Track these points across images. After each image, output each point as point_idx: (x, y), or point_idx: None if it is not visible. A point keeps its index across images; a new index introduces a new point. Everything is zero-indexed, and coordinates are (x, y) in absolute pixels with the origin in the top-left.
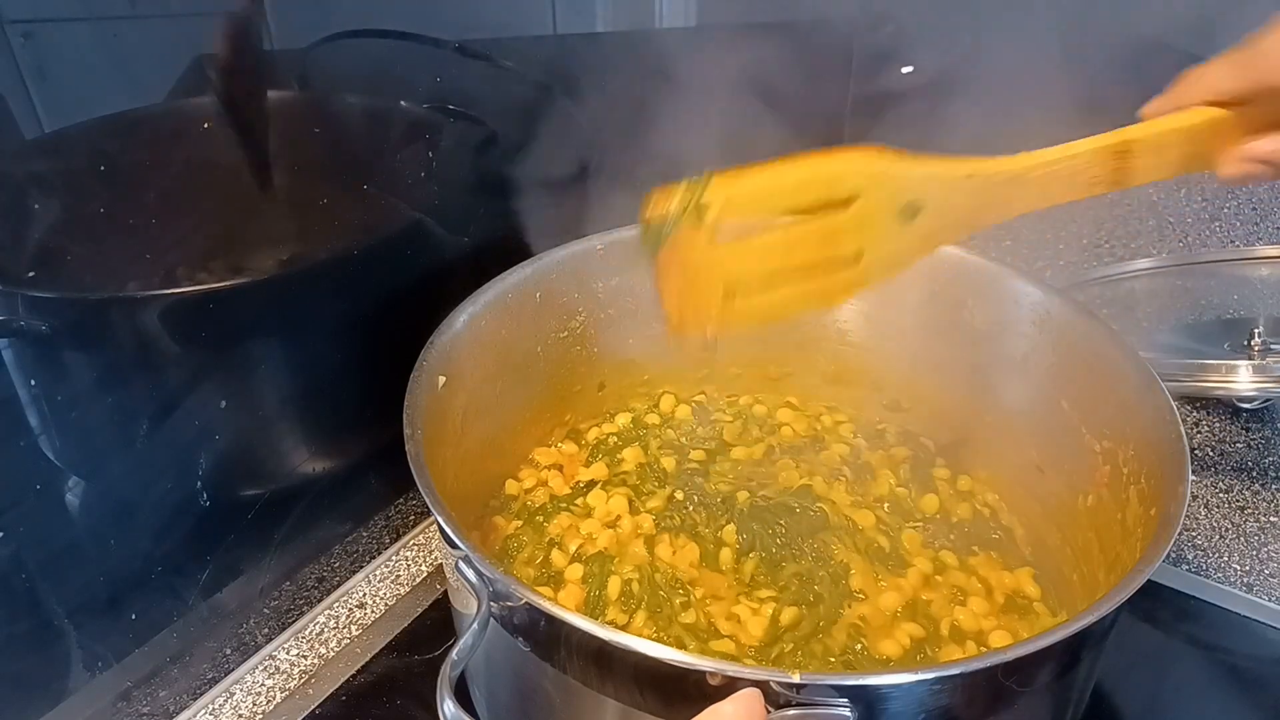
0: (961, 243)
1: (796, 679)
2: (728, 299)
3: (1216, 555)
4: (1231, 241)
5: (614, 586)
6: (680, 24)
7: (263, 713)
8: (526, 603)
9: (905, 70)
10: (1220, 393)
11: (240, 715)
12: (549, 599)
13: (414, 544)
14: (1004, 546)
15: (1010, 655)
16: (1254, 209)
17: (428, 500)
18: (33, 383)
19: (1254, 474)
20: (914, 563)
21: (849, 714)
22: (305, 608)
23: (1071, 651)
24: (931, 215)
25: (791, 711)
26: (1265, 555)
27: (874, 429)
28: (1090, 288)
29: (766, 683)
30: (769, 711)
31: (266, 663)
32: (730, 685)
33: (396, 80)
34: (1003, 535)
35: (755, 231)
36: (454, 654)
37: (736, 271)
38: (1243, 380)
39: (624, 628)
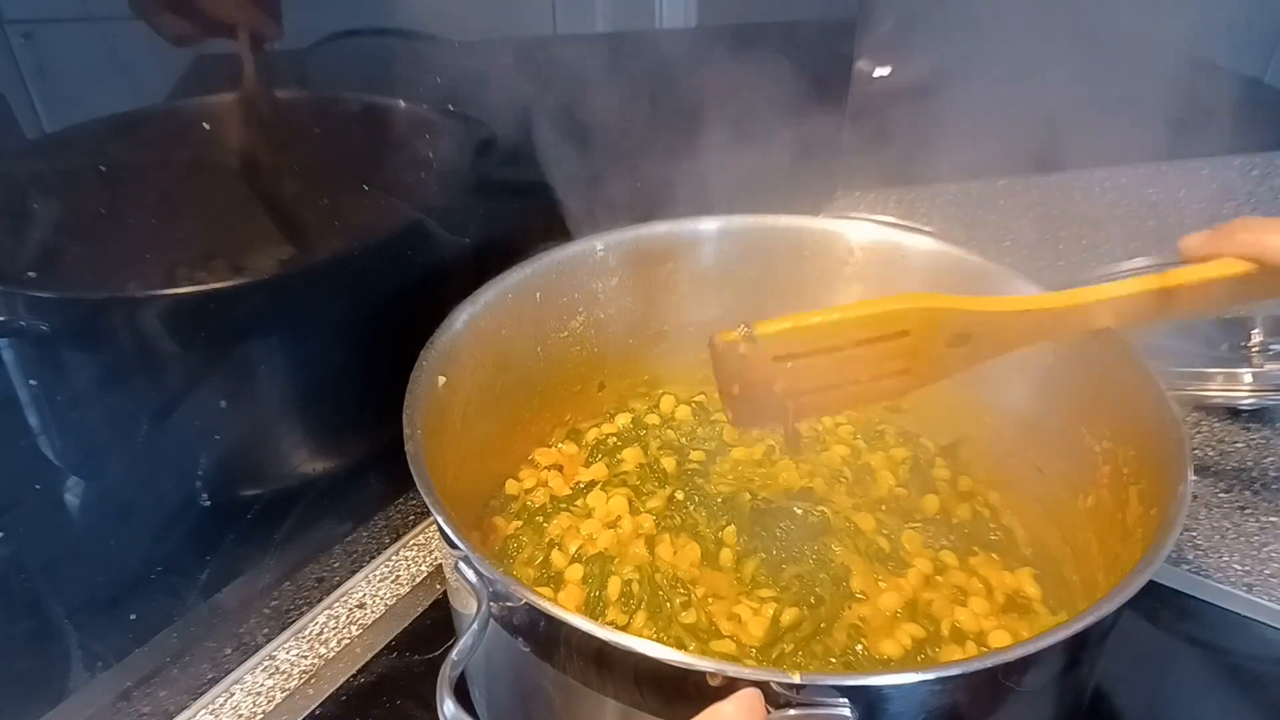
0: (961, 243)
1: (797, 679)
2: (784, 401)
3: (1216, 555)
4: None
5: (614, 587)
6: (680, 24)
7: (263, 713)
8: (526, 603)
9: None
10: (1219, 393)
11: (240, 715)
12: (549, 599)
13: (414, 544)
14: (1004, 547)
15: (1011, 655)
16: (1254, 209)
17: (428, 501)
18: (33, 383)
19: (1254, 474)
20: (914, 563)
21: (849, 714)
22: (305, 608)
23: (1072, 652)
24: (978, 342)
25: (792, 712)
26: (1265, 555)
27: (874, 430)
28: None
29: (767, 683)
30: (769, 712)
31: (266, 663)
32: (730, 685)
33: (396, 80)
34: (1003, 535)
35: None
36: (454, 654)
37: (792, 384)
38: (1241, 381)
39: (624, 628)
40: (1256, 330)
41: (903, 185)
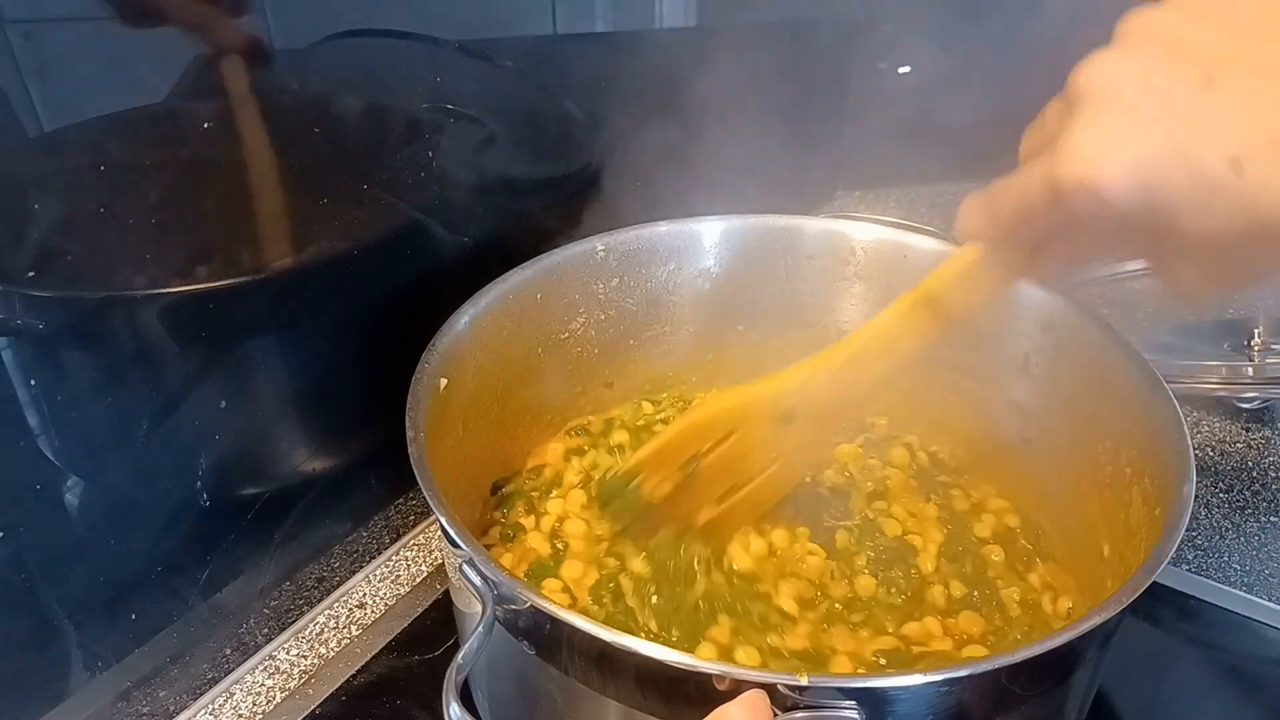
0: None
1: (803, 681)
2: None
3: (1216, 555)
4: None
5: (624, 585)
6: (680, 24)
7: (263, 713)
8: (531, 605)
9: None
10: (1220, 393)
11: (240, 715)
12: (554, 603)
13: (414, 544)
14: (1007, 547)
15: (1017, 657)
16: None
17: (432, 503)
18: (32, 383)
19: (1254, 474)
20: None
21: (856, 716)
22: (305, 608)
23: (1078, 653)
24: (804, 414)
25: (799, 714)
26: (1265, 555)
27: (875, 432)
28: (1090, 288)
29: (773, 685)
30: (775, 714)
31: (266, 663)
32: (736, 687)
33: (396, 80)
34: (1006, 536)
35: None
36: (459, 658)
37: (700, 499)
38: (1243, 380)
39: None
40: (1258, 329)
41: (903, 185)
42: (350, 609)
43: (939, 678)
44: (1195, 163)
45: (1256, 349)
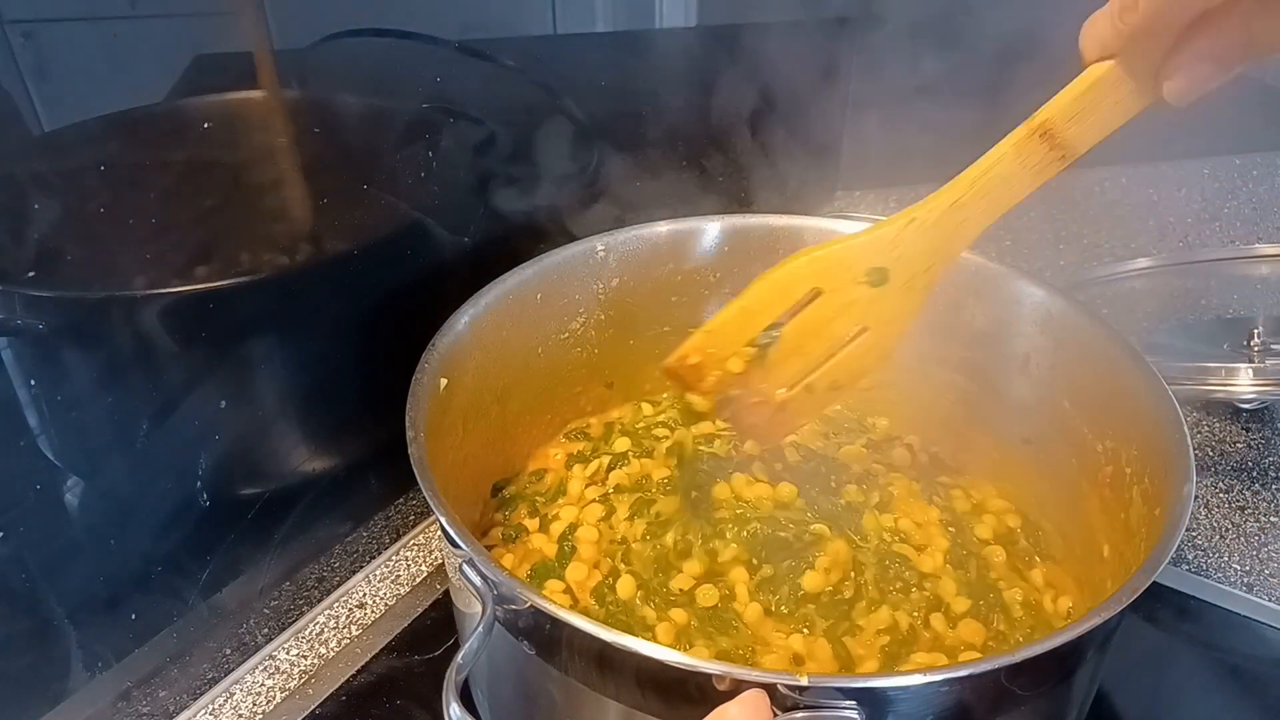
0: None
1: (803, 681)
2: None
3: (1216, 555)
4: (1231, 241)
5: (625, 586)
6: (680, 24)
7: (263, 713)
8: (531, 606)
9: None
10: (1220, 393)
11: (240, 715)
12: (554, 602)
13: (414, 544)
14: (1008, 548)
15: (1017, 657)
16: (1254, 209)
17: (432, 504)
18: (32, 383)
19: (1254, 474)
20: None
21: (856, 716)
22: (305, 608)
23: (1078, 653)
24: (899, 271)
25: (799, 714)
26: (1265, 555)
27: (876, 433)
28: (1090, 288)
29: (773, 685)
30: (775, 714)
31: (266, 663)
32: (736, 687)
33: (396, 80)
34: (1006, 537)
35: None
36: (459, 658)
37: (776, 378)
38: (1242, 380)
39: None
40: (1258, 329)
41: (903, 185)
42: (350, 609)
43: (939, 678)
44: None
45: (1256, 349)
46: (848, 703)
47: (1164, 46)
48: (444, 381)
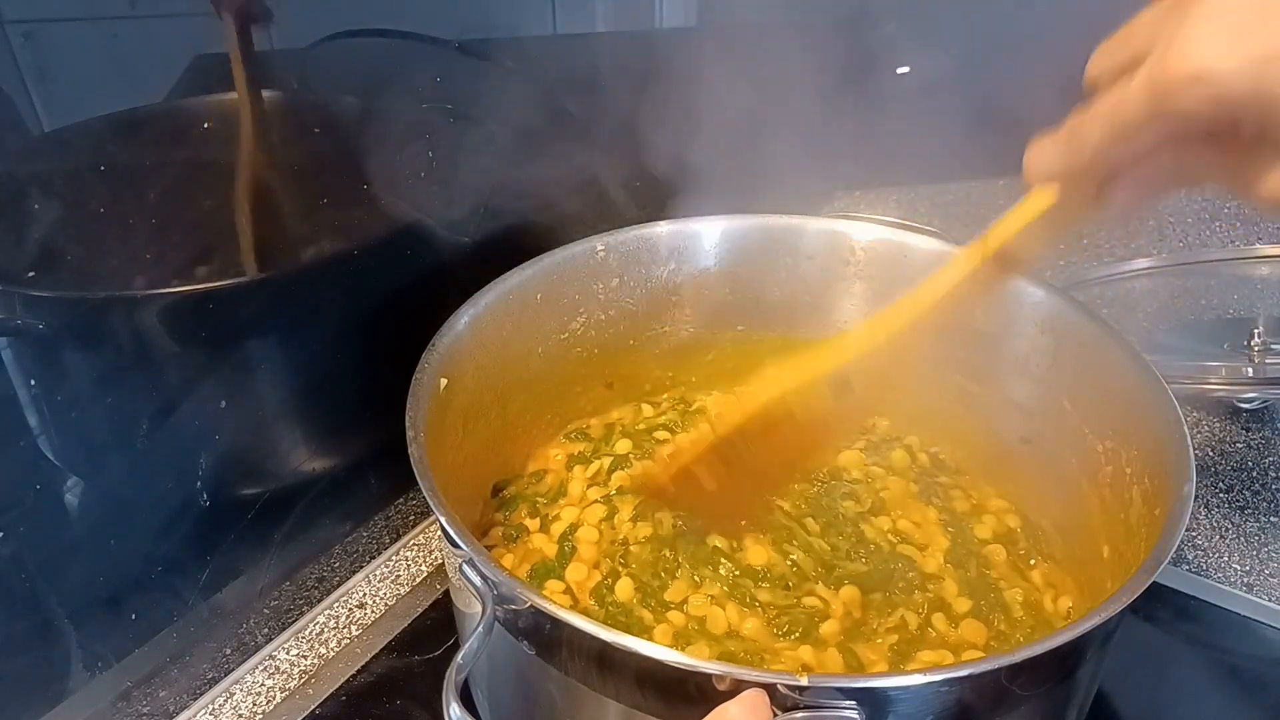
0: (964, 243)
1: (803, 681)
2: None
3: (1216, 555)
4: (1231, 241)
5: (624, 588)
6: (680, 24)
7: (263, 713)
8: (531, 606)
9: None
10: (1220, 393)
11: (240, 715)
12: (554, 602)
13: (414, 544)
14: (1008, 548)
15: (1017, 657)
16: (1254, 208)
17: (432, 504)
18: (33, 383)
19: (1254, 474)
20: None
21: (856, 715)
22: (305, 608)
23: (1078, 653)
24: (862, 381)
25: (799, 714)
26: (1265, 555)
27: (875, 434)
28: (1090, 288)
29: (773, 685)
30: (775, 714)
31: (266, 663)
32: (736, 687)
33: (396, 80)
34: (1006, 537)
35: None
36: (459, 658)
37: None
38: (1242, 380)
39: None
40: (1258, 329)
41: (903, 185)
42: (350, 609)
43: (939, 678)
44: None
45: (1256, 349)
46: (848, 703)
47: (1104, 176)
48: (444, 381)
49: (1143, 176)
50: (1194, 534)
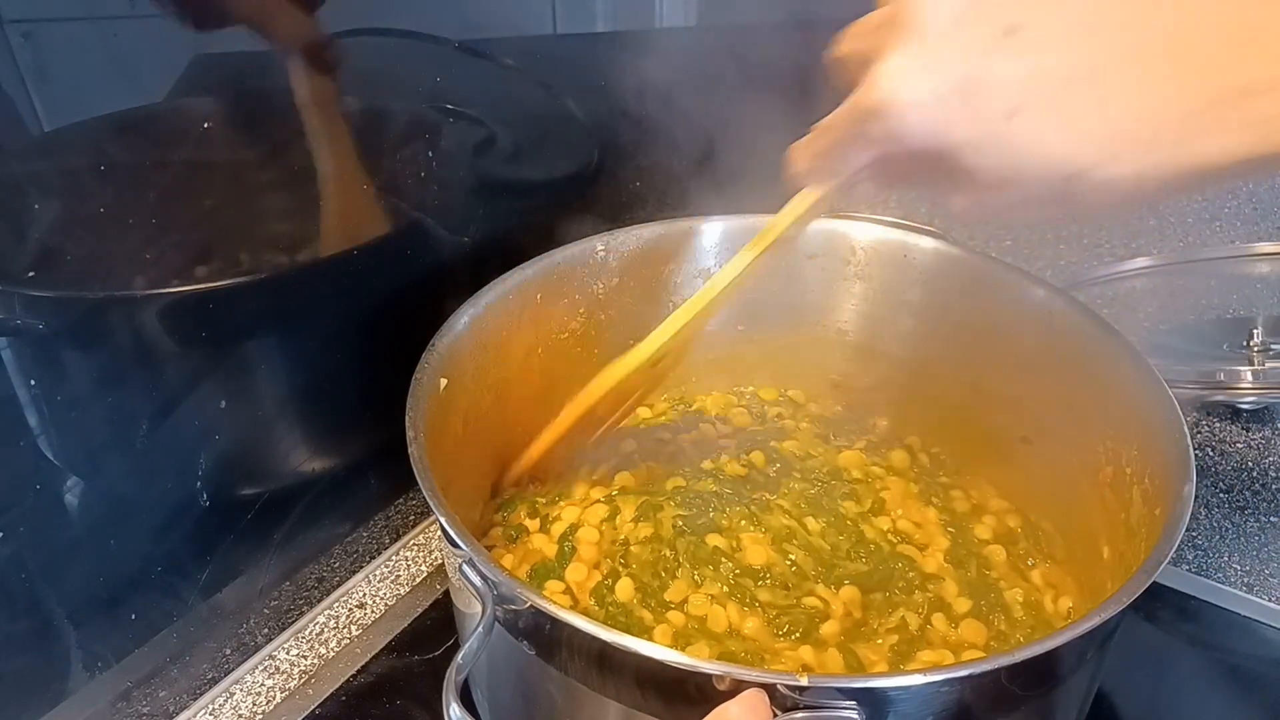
0: (964, 243)
1: (804, 681)
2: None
3: (1216, 555)
4: (1231, 240)
5: (624, 588)
6: (680, 24)
7: (263, 713)
8: (531, 606)
9: None
10: (1220, 393)
11: (240, 715)
12: (554, 602)
13: (414, 544)
14: (1008, 548)
15: (1017, 657)
16: (1254, 208)
17: (432, 504)
18: (32, 383)
19: (1254, 474)
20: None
21: (856, 716)
22: (305, 608)
23: (1078, 653)
24: (670, 356)
25: (799, 714)
26: (1265, 555)
27: (876, 434)
28: (1090, 287)
29: (773, 685)
30: (775, 714)
31: (266, 663)
32: (736, 687)
33: (396, 80)
34: (1007, 537)
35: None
36: (459, 659)
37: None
38: (1242, 381)
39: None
40: (1258, 329)
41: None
42: (350, 609)
43: (939, 678)
44: (978, 107)
45: (1256, 349)
46: (848, 703)
47: (847, 177)
48: (444, 381)
49: (878, 176)
50: (1194, 534)
